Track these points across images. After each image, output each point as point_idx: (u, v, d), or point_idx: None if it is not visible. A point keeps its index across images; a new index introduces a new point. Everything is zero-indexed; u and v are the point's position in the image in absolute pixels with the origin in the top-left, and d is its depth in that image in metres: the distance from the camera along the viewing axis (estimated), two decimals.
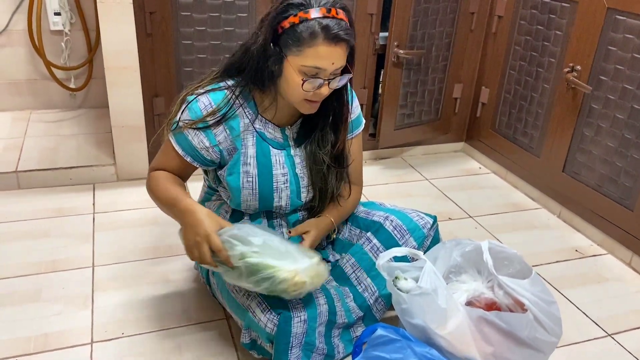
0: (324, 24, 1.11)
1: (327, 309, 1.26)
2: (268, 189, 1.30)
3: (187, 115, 1.23)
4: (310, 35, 1.11)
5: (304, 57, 1.13)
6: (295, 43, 1.12)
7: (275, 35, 1.15)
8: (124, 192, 2.08)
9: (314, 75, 1.15)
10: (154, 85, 2.03)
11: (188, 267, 1.65)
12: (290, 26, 1.12)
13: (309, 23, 1.11)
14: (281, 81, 1.19)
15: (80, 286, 1.55)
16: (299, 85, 1.16)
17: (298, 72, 1.15)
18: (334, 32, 1.11)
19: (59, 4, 2.44)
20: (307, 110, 1.24)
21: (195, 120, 1.22)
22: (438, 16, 2.24)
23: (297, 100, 1.20)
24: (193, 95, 1.24)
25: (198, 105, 1.23)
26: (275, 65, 1.17)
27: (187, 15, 1.96)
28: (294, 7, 1.12)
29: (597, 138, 1.89)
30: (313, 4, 1.12)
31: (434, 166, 2.47)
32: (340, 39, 1.13)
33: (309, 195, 1.36)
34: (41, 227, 1.82)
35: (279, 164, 1.31)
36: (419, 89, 2.36)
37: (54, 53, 2.52)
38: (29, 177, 2.05)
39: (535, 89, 2.14)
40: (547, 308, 1.18)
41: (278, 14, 1.14)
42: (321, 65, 1.14)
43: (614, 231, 1.85)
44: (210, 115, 1.23)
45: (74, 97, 2.66)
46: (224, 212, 1.39)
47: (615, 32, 1.79)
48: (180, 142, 1.26)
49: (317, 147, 1.31)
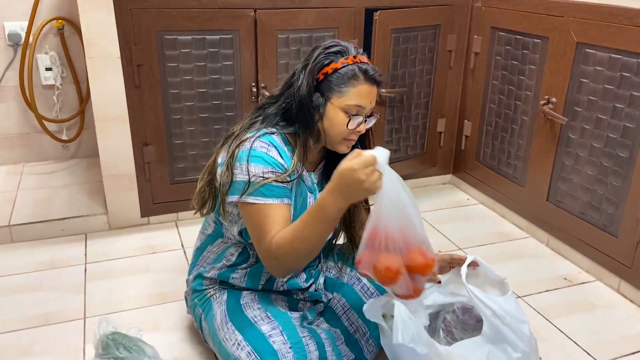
0: (363, 68, 1.24)
1: (317, 355, 1.26)
2: None
3: (260, 167, 1.22)
4: (354, 77, 1.24)
5: (348, 97, 1.24)
6: (339, 85, 1.24)
7: (315, 83, 1.25)
8: (115, 240, 2.10)
9: (355, 114, 1.26)
10: (144, 133, 2.08)
11: (180, 314, 1.66)
12: (334, 71, 1.24)
13: (350, 67, 1.24)
14: (324, 123, 1.27)
15: (72, 338, 1.56)
16: (344, 124, 1.25)
17: (342, 111, 1.25)
18: (371, 74, 1.25)
19: (50, 60, 2.51)
20: (344, 150, 1.30)
21: (275, 170, 1.23)
22: (417, 55, 2.32)
23: (338, 139, 1.28)
24: (244, 149, 1.24)
25: (258, 150, 1.23)
26: (319, 108, 1.26)
27: (173, 65, 2.03)
28: (334, 55, 1.25)
29: (576, 167, 1.94)
30: (350, 52, 1.26)
31: (422, 199, 2.51)
32: (377, 81, 1.27)
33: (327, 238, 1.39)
34: (33, 281, 1.84)
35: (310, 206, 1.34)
36: (404, 124, 2.42)
37: (45, 106, 2.58)
38: (22, 230, 2.07)
39: (515, 121, 2.20)
40: (516, 325, 1.19)
41: (319, 62, 1.25)
42: (362, 103, 1.25)
43: (600, 258, 1.88)
44: (287, 170, 1.25)
45: (67, 149, 2.71)
46: (230, 255, 1.40)
47: (585, 64, 1.85)
48: (268, 193, 1.22)
49: None
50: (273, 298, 1.38)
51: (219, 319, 1.33)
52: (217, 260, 1.42)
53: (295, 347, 1.21)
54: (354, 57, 1.25)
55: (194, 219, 2.21)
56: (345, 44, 1.28)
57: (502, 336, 1.18)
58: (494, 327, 1.18)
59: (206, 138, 2.16)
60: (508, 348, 1.17)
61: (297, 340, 1.23)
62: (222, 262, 1.40)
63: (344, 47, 1.27)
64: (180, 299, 1.70)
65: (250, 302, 1.34)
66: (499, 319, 1.18)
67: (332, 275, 1.49)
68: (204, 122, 2.14)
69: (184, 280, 1.75)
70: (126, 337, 1.39)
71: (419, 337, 1.16)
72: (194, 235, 1.55)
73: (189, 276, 1.49)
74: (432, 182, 2.66)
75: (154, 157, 2.12)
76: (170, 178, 2.17)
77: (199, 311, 1.42)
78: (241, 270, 1.38)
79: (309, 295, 1.44)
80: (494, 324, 1.18)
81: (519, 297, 1.80)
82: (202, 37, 2.03)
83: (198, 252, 1.48)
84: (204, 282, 1.43)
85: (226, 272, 1.40)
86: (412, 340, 1.15)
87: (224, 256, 1.41)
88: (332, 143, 1.30)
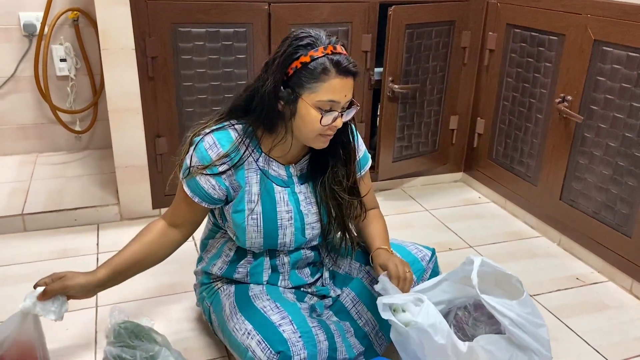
0: (334, 59, 1.17)
1: (327, 345, 1.26)
2: (272, 226, 1.32)
3: (196, 159, 1.27)
4: (324, 71, 1.17)
5: (319, 93, 1.18)
6: (308, 80, 1.17)
7: (285, 77, 1.20)
8: (127, 231, 2.11)
9: (328, 110, 1.21)
10: (157, 126, 2.09)
11: (190, 306, 1.66)
12: (302, 65, 1.17)
13: (320, 60, 1.17)
14: (295, 120, 1.23)
15: (84, 327, 1.57)
16: (317, 121, 1.20)
17: (314, 107, 1.20)
18: (344, 65, 1.18)
19: (65, 51, 2.53)
20: (320, 145, 1.27)
21: (206, 165, 1.26)
22: (431, 51, 2.30)
23: (312, 136, 1.24)
24: (199, 137, 1.29)
25: (203, 145, 1.27)
26: (288, 105, 1.21)
27: (187, 58, 2.03)
28: (302, 48, 1.18)
29: (591, 166, 1.92)
30: (320, 43, 1.18)
31: (433, 197, 2.50)
32: (350, 72, 1.20)
33: (314, 232, 1.39)
34: (46, 269, 1.82)
35: (283, 201, 1.33)
36: (416, 121, 2.40)
37: (59, 97, 2.60)
38: (35, 219, 2.09)
39: (529, 119, 2.18)
40: (534, 330, 1.18)
41: (288, 56, 1.19)
42: (336, 98, 1.19)
43: (613, 258, 1.86)
44: (220, 161, 1.26)
45: (80, 140, 2.73)
46: (228, 250, 1.41)
47: (603, 62, 1.83)
48: (190, 185, 1.29)
49: (332, 184, 1.35)
50: (281, 290, 1.39)
51: (227, 310, 1.34)
52: (217, 255, 1.43)
53: (305, 336, 1.21)
54: (324, 49, 1.17)
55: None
56: (316, 33, 1.19)
57: (525, 343, 1.17)
58: (515, 335, 1.17)
59: None
60: (534, 355, 1.17)
61: (307, 330, 1.23)
62: (221, 257, 1.41)
63: (314, 38, 1.18)
64: (190, 290, 1.70)
65: (259, 293, 1.34)
66: (519, 328, 1.17)
67: (342, 271, 1.49)
68: None
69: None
70: (138, 326, 1.39)
71: (440, 325, 1.15)
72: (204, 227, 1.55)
73: (197, 268, 1.50)
74: (444, 180, 2.64)
75: (167, 149, 2.12)
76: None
77: (207, 304, 1.43)
78: (242, 269, 1.39)
79: (317, 290, 1.44)
80: (514, 332, 1.17)
81: (531, 296, 1.78)
82: (216, 29, 2.03)
83: (203, 244, 1.49)
84: (211, 275, 1.44)
85: (229, 269, 1.40)
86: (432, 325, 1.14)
87: (223, 251, 1.41)
88: (306, 140, 1.26)
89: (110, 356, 1.31)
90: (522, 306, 1.20)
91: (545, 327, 1.21)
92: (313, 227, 1.38)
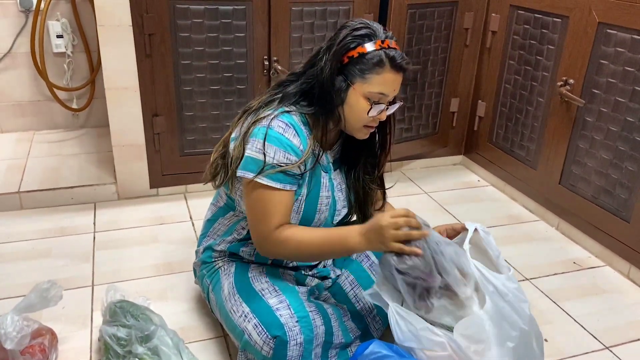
0: (390, 54, 1.19)
1: (323, 330, 1.26)
2: (312, 210, 1.32)
3: (275, 149, 1.20)
4: (379, 64, 1.18)
5: (371, 84, 1.20)
6: (363, 71, 1.19)
7: (340, 65, 1.21)
8: (124, 210, 2.10)
9: (377, 102, 1.22)
10: (154, 104, 2.07)
11: (187, 286, 1.66)
12: (359, 55, 1.19)
13: (377, 52, 1.18)
14: (344, 108, 1.23)
15: (80, 305, 1.57)
16: (365, 111, 1.22)
17: (364, 98, 1.21)
18: (398, 61, 1.20)
19: (62, 27, 2.49)
20: (362, 136, 1.29)
21: (286, 146, 1.20)
22: (433, 33, 2.27)
23: (358, 126, 1.26)
24: (261, 126, 1.21)
25: (275, 130, 1.21)
26: (340, 93, 1.22)
27: (185, 36, 2.00)
28: (360, 38, 1.20)
29: (591, 150, 1.90)
30: (377, 37, 1.20)
31: (432, 179, 2.49)
32: (403, 68, 1.22)
33: (339, 218, 1.40)
34: (42, 247, 1.85)
35: (324, 186, 1.33)
36: (416, 103, 2.38)
37: (56, 74, 2.57)
38: (32, 197, 2.08)
39: (530, 102, 2.16)
40: (517, 303, 1.17)
41: (345, 44, 1.20)
42: (386, 91, 1.21)
43: (611, 243, 1.86)
44: (297, 140, 1.22)
45: (77, 117, 2.71)
46: (241, 229, 1.39)
47: (606, 45, 1.81)
48: (276, 178, 1.21)
49: (363, 173, 1.39)
50: (281, 272, 1.38)
51: (226, 290, 1.33)
52: (227, 233, 1.41)
53: (302, 321, 1.21)
54: (381, 42, 1.19)
55: (202, 192, 2.21)
56: (375, 26, 1.22)
57: (502, 314, 1.16)
58: (495, 304, 1.17)
59: (216, 111, 2.15)
60: (506, 326, 1.16)
61: (304, 315, 1.23)
62: (232, 235, 1.40)
63: (372, 30, 1.21)
64: (187, 270, 1.70)
65: (258, 275, 1.34)
66: (501, 297, 1.17)
67: None
68: (215, 95, 2.12)
69: (192, 251, 1.76)
70: (134, 306, 1.39)
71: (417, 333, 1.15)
72: (203, 208, 1.55)
73: (199, 247, 1.49)
74: (443, 163, 2.63)
75: (164, 128, 2.10)
76: (179, 150, 2.16)
77: (207, 282, 1.42)
78: (251, 244, 1.38)
79: (317, 272, 1.44)
80: (495, 300, 1.16)
81: (527, 280, 1.79)
82: (215, 7, 1.99)
83: (209, 223, 1.47)
84: (213, 254, 1.43)
85: (237, 245, 1.40)
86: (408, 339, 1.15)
87: (235, 229, 1.40)
88: (351, 129, 1.27)
89: (105, 335, 1.31)
90: (509, 281, 1.19)
91: (527, 304, 1.20)
92: (340, 213, 1.39)
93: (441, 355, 1.15)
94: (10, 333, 1.20)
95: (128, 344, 1.26)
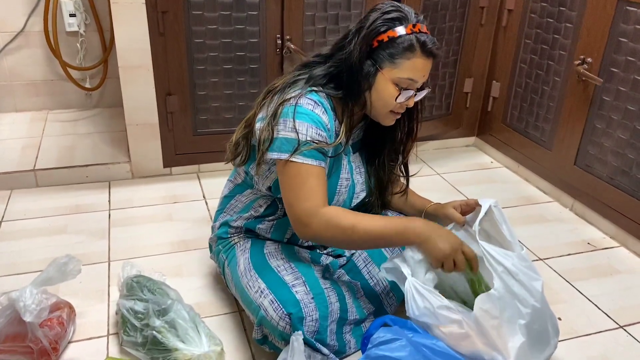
0: (422, 39, 1.16)
1: (338, 307, 1.27)
2: (332, 191, 1.31)
3: (307, 126, 1.18)
4: (410, 48, 1.16)
5: (401, 69, 1.18)
6: (393, 55, 1.17)
7: (370, 49, 1.18)
8: (138, 189, 2.12)
9: (405, 88, 1.20)
10: (167, 83, 2.07)
11: (203, 262, 1.68)
12: (390, 40, 1.16)
13: (408, 37, 1.16)
14: (372, 93, 1.22)
15: (97, 280, 1.59)
16: (393, 97, 1.20)
17: (392, 83, 1.19)
18: (429, 47, 1.18)
19: (74, 6, 2.49)
20: (389, 122, 1.27)
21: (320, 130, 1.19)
22: (448, 11, 2.24)
23: (384, 112, 1.24)
24: (290, 106, 1.19)
25: (304, 107, 1.19)
26: (369, 77, 1.20)
27: (198, 14, 1.99)
28: (391, 22, 1.17)
29: (608, 130, 1.88)
30: (408, 21, 1.17)
31: (445, 161, 2.47)
32: (433, 54, 1.19)
33: (357, 201, 1.39)
34: (58, 224, 1.87)
35: (344, 168, 1.33)
36: (430, 83, 2.36)
37: (69, 54, 2.57)
38: (47, 175, 2.10)
39: (546, 82, 2.13)
40: (528, 281, 1.16)
41: (376, 28, 1.17)
42: (415, 77, 1.19)
43: (626, 224, 1.84)
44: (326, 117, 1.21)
45: (90, 97, 2.72)
46: (258, 207, 1.39)
47: (626, 23, 1.77)
48: (310, 155, 1.18)
49: (388, 159, 1.39)
50: (296, 250, 1.39)
51: (242, 266, 1.34)
52: (245, 210, 1.42)
53: (317, 298, 1.22)
54: (413, 26, 1.16)
55: (215, 172, 2.22)
56: (406, 9, 1.19)
57: (512, 293, 1.16)
58: (505, 283, 1.16)
59: (229, 90, 2.14)
60: (517, 304, 1.16)
61: (320, 292, 1.24)
62: (249, 212, 1.40)
63: (404, 14, 1.18)
64: (202, 247, 1.72)
65: (274, 251, 1.35)
66: (511, 276, 1.16)
67: None
68: (228, 74, 2.11)
69: (206, 230, 1.77)
70: (150, 280, 1.41)
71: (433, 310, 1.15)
72: (216, 187, 1.55)
73: (215, 222, 1.50)
74: (456, 144, 2.62)
75: (177, 107, 2.10)
76: (192, 129, 2.16)
77: (223, 257, 1.43)
78: (268, 221, 1.39)
79: (332, 250, 1.44)
80: (504, 280, 1.16)
81: (541, 260, 1.78)
82: None
83: (226, 199, 1.48)
84: (229, 230, 1.44)
85: (253, 222, 1.40)
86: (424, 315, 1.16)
87: (252, 207, 1.40)
88: (377, 114, 1.25)
89: (123, 308, 1.33)
90: (520, 259, 1.19)
91: (540, 281, 1.19)
92: (358, 197, 1.39)
93: (456, 332, 1.16)
94: (29, 306, 1.22)
95: (145, 317, 1.27)
